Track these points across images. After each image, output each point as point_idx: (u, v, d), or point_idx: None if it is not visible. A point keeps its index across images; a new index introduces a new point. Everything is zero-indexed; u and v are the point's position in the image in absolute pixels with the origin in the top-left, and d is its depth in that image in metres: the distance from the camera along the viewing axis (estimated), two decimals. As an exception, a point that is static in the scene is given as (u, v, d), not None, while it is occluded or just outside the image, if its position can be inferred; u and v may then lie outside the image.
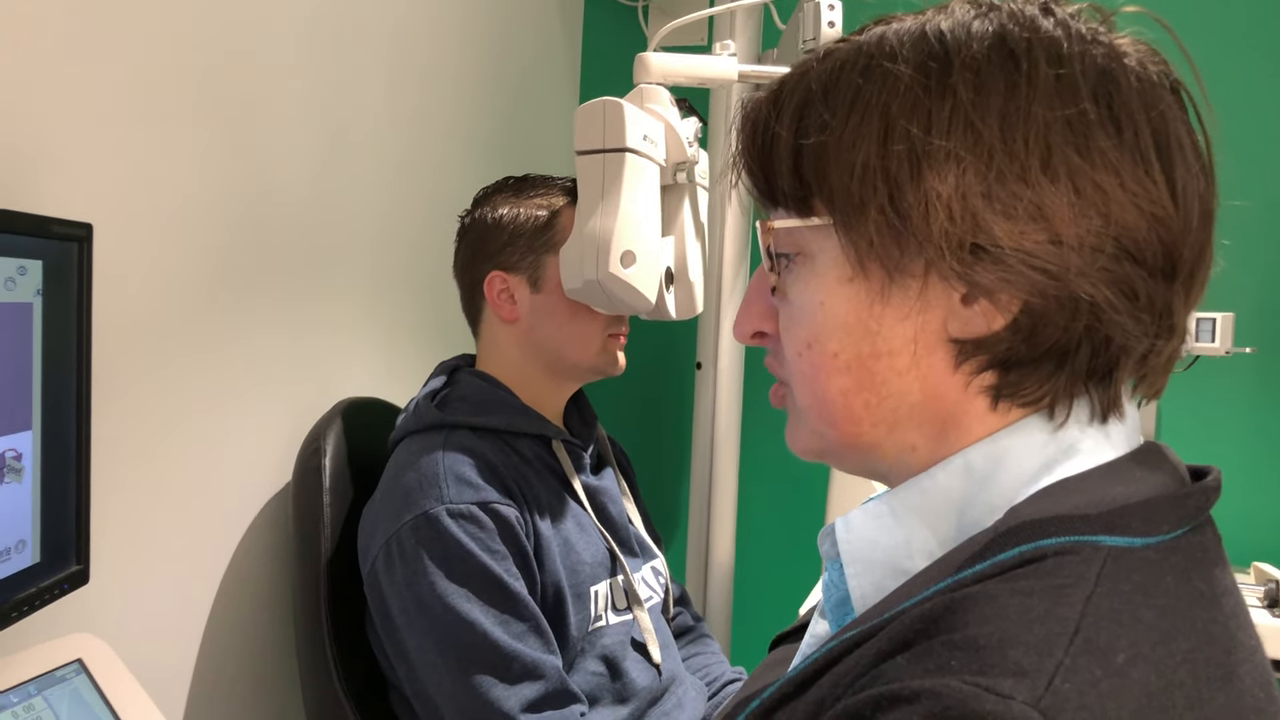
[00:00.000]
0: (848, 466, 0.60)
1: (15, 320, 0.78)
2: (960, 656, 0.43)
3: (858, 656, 0.48)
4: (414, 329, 1.65)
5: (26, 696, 0.81)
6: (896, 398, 0.55)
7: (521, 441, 1.24)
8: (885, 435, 0.56)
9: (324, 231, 1.40)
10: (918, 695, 0.42)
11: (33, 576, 0.82)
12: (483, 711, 1.07)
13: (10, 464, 0.78)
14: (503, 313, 1.26)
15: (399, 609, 1.13)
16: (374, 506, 1.20)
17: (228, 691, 1.25)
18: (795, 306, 0.57)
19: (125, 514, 1.06)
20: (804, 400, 0.58)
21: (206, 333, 1.18)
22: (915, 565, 0.54)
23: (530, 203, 1.26)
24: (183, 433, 1.15)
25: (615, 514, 1.31)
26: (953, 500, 0.54)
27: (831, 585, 0.59)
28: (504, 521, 1.14)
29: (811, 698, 0.49)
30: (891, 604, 0.50)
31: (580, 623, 1.19)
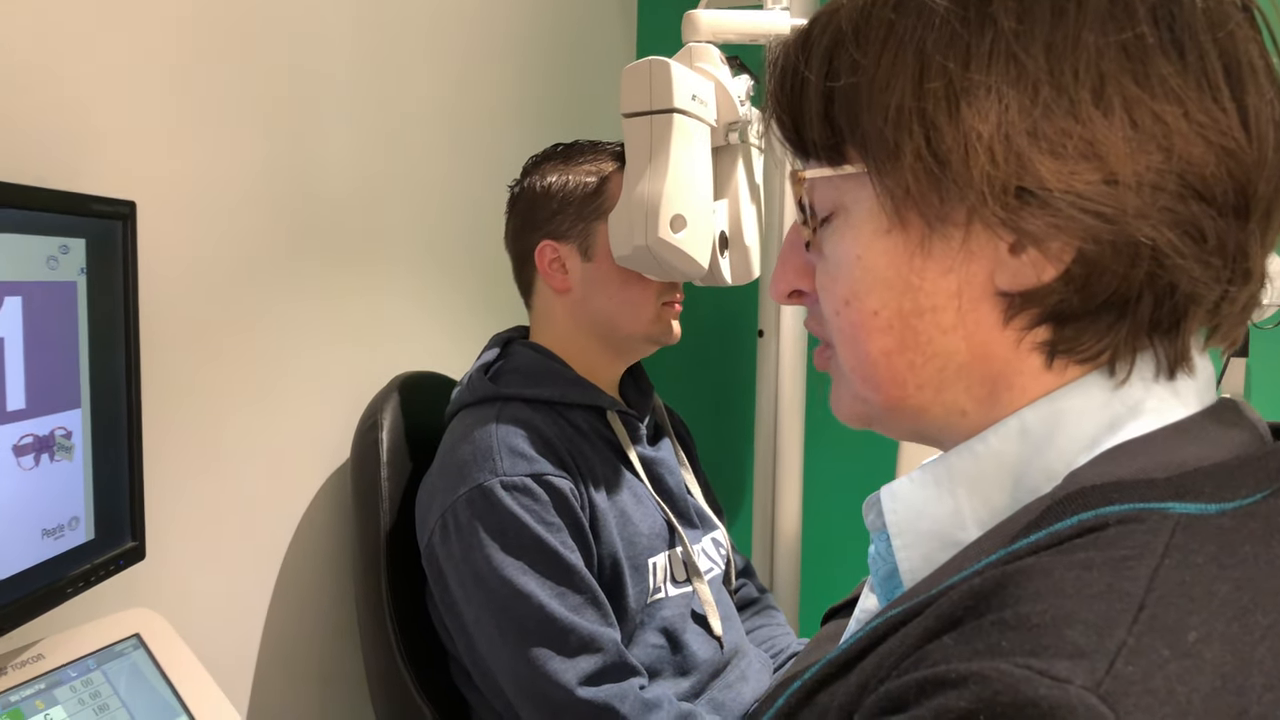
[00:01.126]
0: (896, 432, 0.56)
1: (60, 299, 0.78)
2: (1012, 636, 0.39)
3: (902, 636, 0.45)
4: (469, 301, 1.65)
5: (85, 671, 0.82)
6: (942, 357, 0.51)
7: (576, 413, 1.22)
8: (932, 398, 0.52)
9: (375, 205, 1.40)
10: (964, 679, 0.39)
11: (87, 553, 0.83)
12: (541, 684, 1.06)
13: (60, 442, 0.79)
14: (554, 283, 1.24)
15: (456, 582, 1.12)
16: (430, 480, 1.19)
17: (288, 666, 1.27)
18: (831, 262, 0.54)
19: (181, 491, 1.07)
20: (846, 362, 0.55)
21: (258, 309, 1.18)
22: (968, 535, 0.50)
23: (579, 169, 1.23)
24: (238, 410, 1.16)
25: (673, 485, 1.29)
26: (1007, 466, 0.50)
27: (879, 558, 0.56)
28: (558, 493, 1.12)
29: (854, 680, 0.46)
30: (941, 578, 0.47)
31: (638, 595, 1.17)
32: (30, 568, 0.76)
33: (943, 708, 0.38)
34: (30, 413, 0.75)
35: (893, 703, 0.41)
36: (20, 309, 0.73)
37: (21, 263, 0.73)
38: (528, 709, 1.08)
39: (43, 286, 0.76)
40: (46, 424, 0.77)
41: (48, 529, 0.78)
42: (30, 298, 0.74)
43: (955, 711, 0.38)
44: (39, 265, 0.75)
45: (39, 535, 0.77)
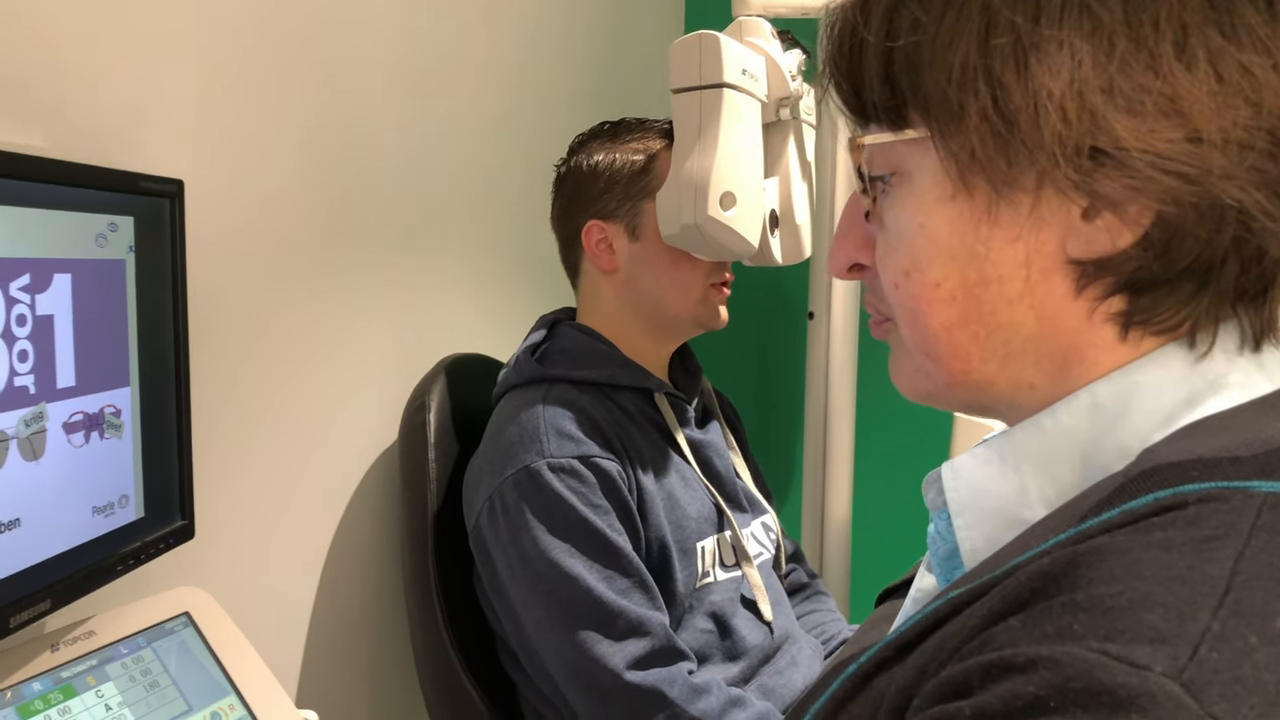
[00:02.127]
0: (958, 406, 0.54)
1: (108, 277, 0.78)
2: (1085, 619, 0.37)
3: (965, 618, 0.42)
4: (516, 283, 1.64)
5: (136, 648, 0.82)
6: (1008, 330, 0.49)
7: (623, 395, 1.21)
8: (998, 371, 0.50)
9: (422, 188, 1.39)
10: (1033, 664, 0.36)
11: (137, 531, 0.83)
12: (588, 667, 1.05)
13: (110, 420, 0.79)
14: (601, 263, 1.22)
15: (503, 564, 1.11)
16: (477, 461, 1.19)
17: (335, 646, 1.27)
18: (892, 232, 0.51)
19: (230, 472, 1.08)
20: (907, 335, 0.52)
21: (305, 291, 1.18)
22: (1033, 515, 0.48)
23: (626, 147, 1.21)
24: (286, 391, 1.16)
25: (721, 468, 1.27)
26: (1076, 442, 0.48)
27: (938, 537, 0.53)
28: (605, 475, 1.11)
29: (913, 664, 0.44)
30: (1005, 558, 0.44)
31: (687, 579, 1.16)
32: (82, 544, 0.76)
33: (1009, 693, 0.36)
34: (80, 390, 0.75)
35: (955, 688, 0.39)
36: (69, 287, 0.73)
37: (70, 240, 0.73)
38: (575, 692, 1.07)
39: (91, 264, 0.76)
40: (96, 402, 0.77)
41: (98, 506, 0.78)
42: (79, 275, 0.74)
43: (1023, 698, 0.36)
44: (87, 243, 0.75)
45: (90, 512, 0.77)
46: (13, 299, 0.67)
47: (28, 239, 0.69)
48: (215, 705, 0.84)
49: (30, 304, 0.69)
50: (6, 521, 0.68)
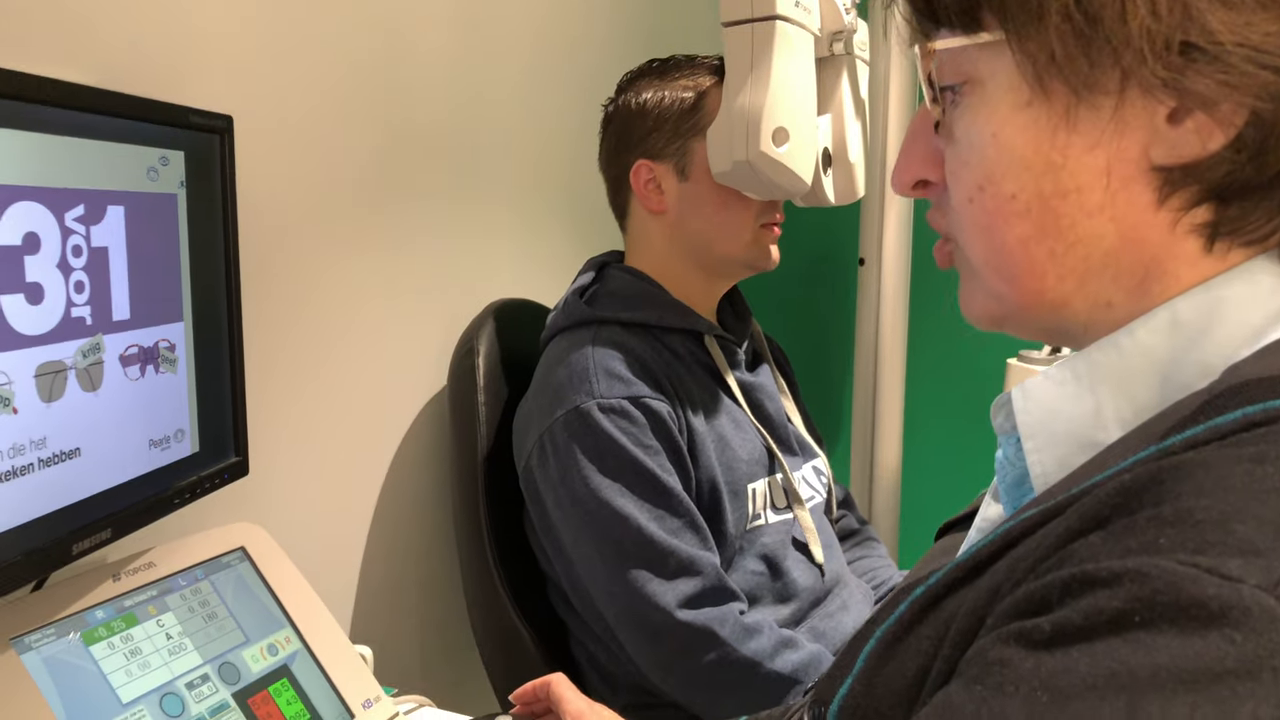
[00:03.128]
0: (1031, 331, 0.52)
1: (161, 211, 0.78)
2: (1172, 533, 0.35)
3: (1040, 537, 0.41)
4: (563, 227, 1.62)
5: (194, 580, 0.83)
6: (1087, 244, 0.46)
7: (673, 337, 1.19)
8: (1074, 290, 0.48)
9: (472, 131, 1.38)
10: (1118, 577, 0.35)
11: (193, 465, 0.84)
12: (640, 606, 1.05)
13: (164, 354, 0.79)
14: (650, 204, 1.21)
15: (554, 504, 1.11)
16: (527, 404, 1.18)
17: (387, 586, 1.28)
18: (963, 144, 0.49)
19: (282, 412, 1.08)
20: (977, 255, 0.50)
21: (353, 236, 1.18)
22: (1108, 437, 0.46)
23: (675, 85, 1.19)
24: (335, 334, 1.16)
25: (773, 411, 1.25)
26: (1156, 361, 0.46)
27: (1006, 463, 0.52)
28: (656, 416, 1.10)
29: (985, 584, 0.42)
30: (1081, 478, 0.43)
31: (738, 521, 1.15)
32: (139, 476, 0.77)
33: (1092, 608, 0.35)
34: (135, 324, 0.75)
35: (1033, 604, 0.37)
36: (123, 219, 0.73)
37: (122, 172, 0.73)
38: (626, 631, 1.07)
39: (144, 198, 0.76)
40: (151, 335, 0.77)
41: (154, 439, 0.78)
42: (132, 209, 0.74)
43: (1107, 612, 0.34)
44: (139, 176, 0.75)
45: (146, 445, 0.77)
46: (68, 230, 0.68)
47: (81, 170, 0.69)
48: (272, 637, 0.85)
49: (85, 235, 0.69)
50: (67, 451, 0.68)
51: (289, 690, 0.83)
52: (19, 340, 0.64)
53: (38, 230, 0.65)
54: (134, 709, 0.72)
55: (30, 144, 0.64)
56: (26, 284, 0.64)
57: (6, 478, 0.63)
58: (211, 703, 0.77)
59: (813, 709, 0.48)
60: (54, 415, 0.67)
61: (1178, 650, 0.33)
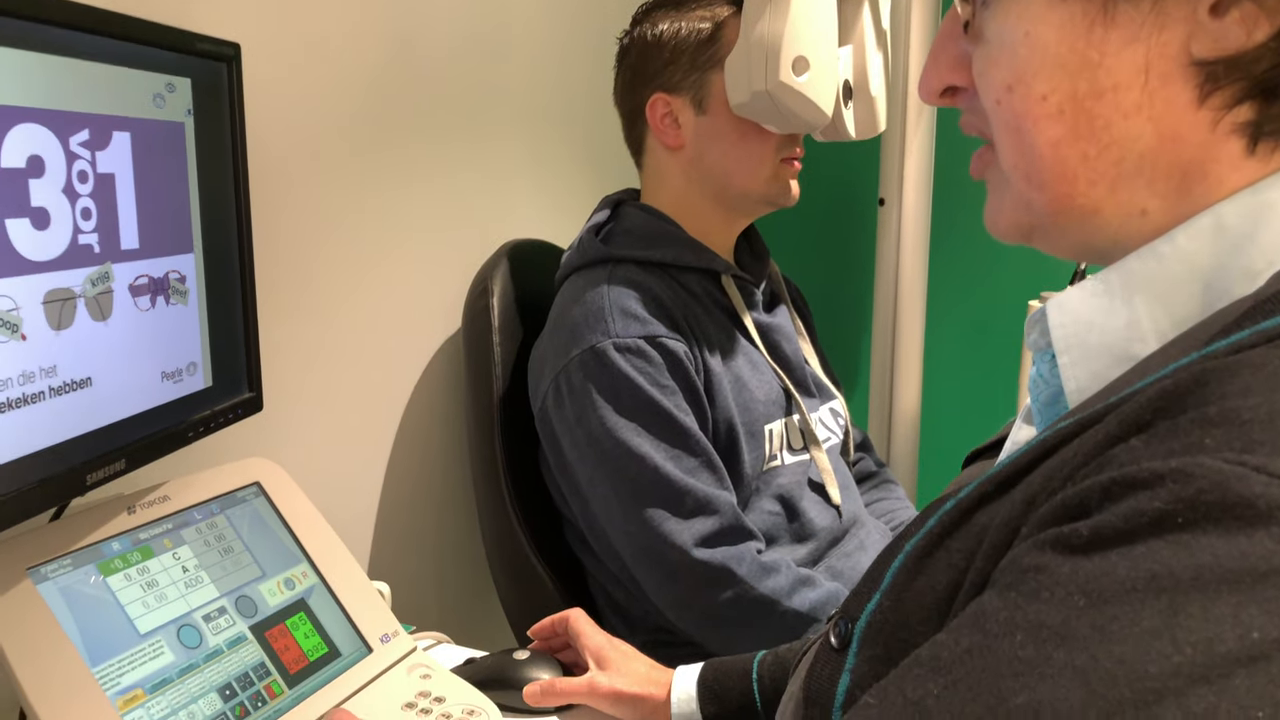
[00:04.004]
0: (1060, 243, 0.50)
1: (168, 139, 0.76)
2: (1217, 433, 0.34)
3: (1077, 445, 0.39)
4: (578, 165, 1.60)
5: (209, 514, 0.83)
6: (1122, 146, 0.44)
7: (689, 276, 1.18)
8: (1106, 195, 0.46)
9: (484, 65, 1.35)
10: (1160, 478, 0.33)
11: (206, 399, 0.83)
12: (657, 544, 1.05)
13: (175, 285, 0.78)
14: (666, 139, 1.18)
15: (570, 444, 1.11)
16: (542, 344, 1.17)
17: (403, 524, 1.28)
18: (994, 44, 0.47)
19: (295, 349, 1.07)
20: (1008, 160, 0.48)
21: (363, 174, 1.16)
22: (1145, 349, 0.44)
23: (692, 15, 1.16)
24: (346, 273, 1.15)
25: (790, 352, 1.24)
26: (1197, 268, 0.44)
27: (1040, 381, 0.50)
28: (672, 355, 1.09)
29: (1019, 495, 0.41)
30: (1118, 389, 0.41)
31: (754, 461, 1.14)
32: (152, 409, 0.76)
33: (1132, 510, 0.33)
34: (144, 253, 0.74)
35: (1071, 510, 0.36)
36: (129, 146, 0.72)
37: (127, 97, 0.71)
38: (644, 569, 1.07)
39: (150, 125, 0.74)
40: (160, 266, 0.76)
41: (167, 372, 0.78)
42: (138, 135, 0.72)
43: (1148, 514, 0.33)
44: (145, 102, 0.73)
45: (159, 377, 0.77)
46: (73, 154, 0.66)
47: (86, 94, 0.67)
48: (288, 572, 0.85)
49: (91, 161, 0.68)
50: (78, 380, 0.68)
51: (306, 624, 0.83)
52: (26, 266, 0.63)
53: (42, 153, 0.64)
54: (152, 639, 0.72)
55: (33, 64, 0.62)
56: (32, 208, 0.63)
57: (18, 405, 0.62)
58: (229, 635, 0.77)
59: (839, 625, 0.47)
60: (64, 343, 0.66)
61: (1222, 550, 0.31)
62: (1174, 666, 0.30)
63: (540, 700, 0.86)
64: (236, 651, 0.77)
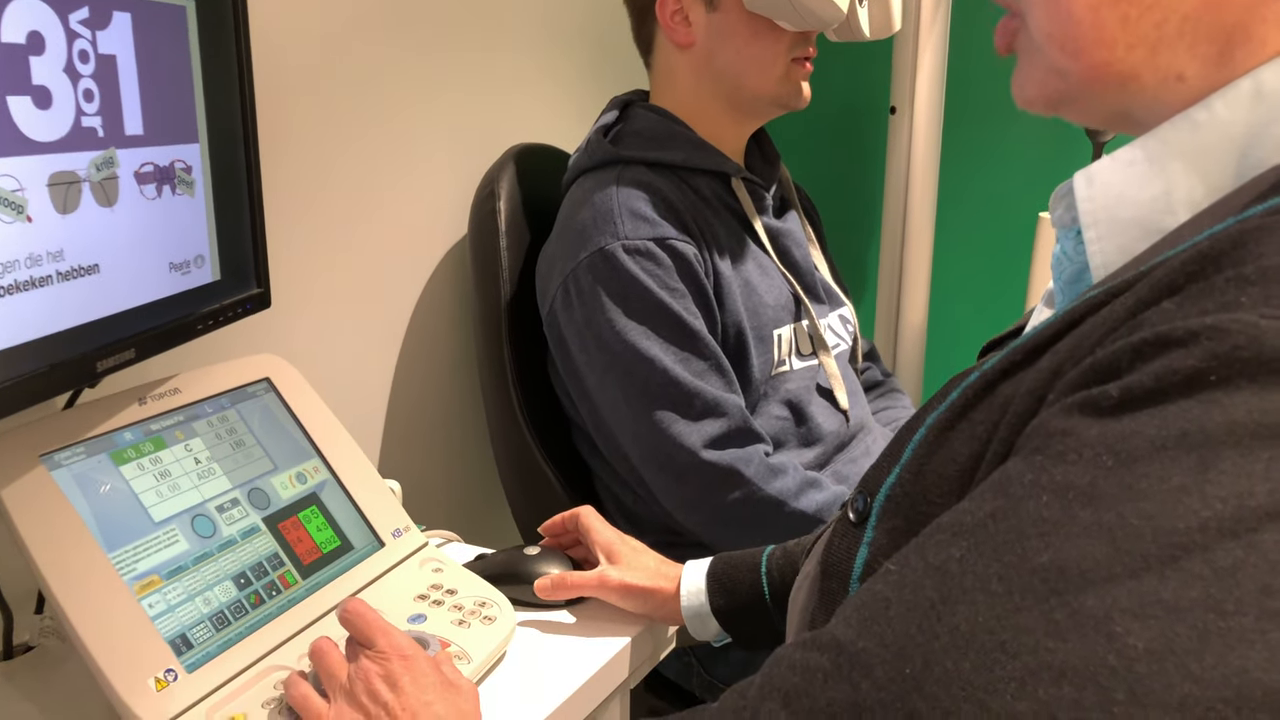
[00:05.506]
0: (1092, 112, 0.48)
1: (170, 23, 0.74)
2: (1254, 291, 0.33)
3: (1106, 313, 0.39)
4: (586, 68, 1.57)
5: (220, 408, 0.83)
6: (1165, 6, 0.43)
7: (699, 178, 1.16)
8: (1145, 60, 0.44)
9: (487, -38, 1.32)
10: (1195, 335, 0.33)
11: (215, 293, 0.82)
12: (666, 446, 1.05)
13: (180, 175, 0.77)
14: (677, 37, 1.15)
15: (578, 347, 1.10)
16: (550, 247, 1.16)
17: (415, 425, 1.29)
18: None
19: (303, 248, 1.06)
20: (1041, 26, 0.46)
21: (369, 73, 1.13)
22: (1176, 221, 0.43)
23: (705, -92, 1.12)
24: (352, 172, 1.13)
25: (800, 258, 1.23)
26: (1234, 137, 0.42)
27: (1064, 258, 0.49)
28: (681, 258, 1.08)
29: (1045, 365, 0.40)
30: (1149, 258, 0.40)
31: (763, 365, 1.14)
32: (162, 299, 0.75)
33: (1164, 369, 0.33)
34: (149, 140, 0.72)
35: (1100, 373, 0.35)
36: (130, 26, 0.70)
37: (127, -24, 0.69)
38: (652, 471, 1.07)
39: (151, 6, 0.72)
40: (166, 154, 0.75)
41: (175, 263, 0.77)
42: (139, 16, 0.70)
43: (1181, 372, 0.32)
44: (145, -17, 0.71)
45: (166, 268, 0.76)
46: (73, 32, 0.64)
47: (84, -30, 0.65)
48: (300, 466, 0.85)
49: (91, 40, 0.66)
50: (85, 266, 0.67)
51: (319, 517, 0.84)
52: (29, 146, 0.61)
53: (41, 30, 0.62)
54: (166, 527, 0.72)
55: (29, -65, 0.60)
56: (33, 86, 0.61)
57: (25, 288, 0.62)
58: (243, 525, 0.77)
59: (858, 499, 0.47)
60: (70, 228, 0.65)
61: (1256, 405, 0.31)
62: (1202, 521, 0.30)
63: (551, 593, 0.87)
64: (250, 542, 0.77)
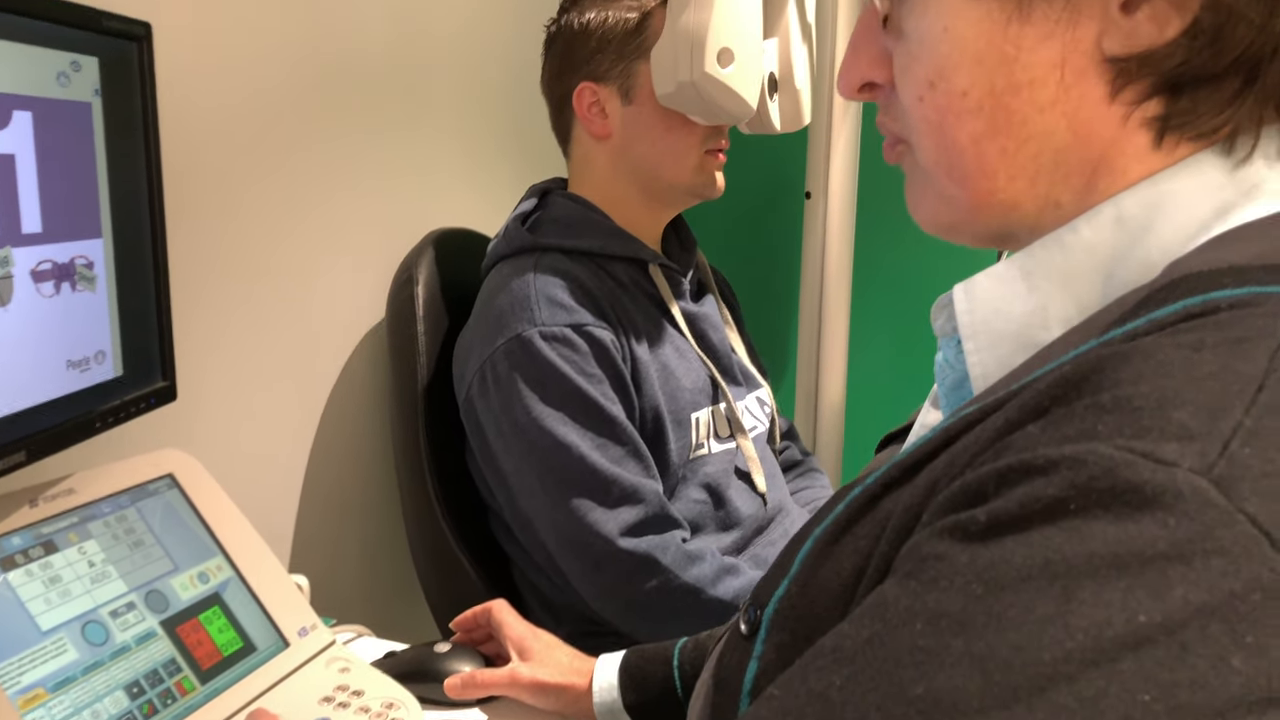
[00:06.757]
0: (980, 235, 0.50)
1: (73, 119, 0.74)
2: (1109, 420, 0.34)
3: (979, 432, 0.40)
4: (505, 154, 1.59)
5: (119, 507, 0.81)
6: (1039, 140, 0.45)
7: (616, 265, 1.17)
8: (1025, 190, 0.47)
9: (409, 50, 1.33)
10: (1055, 464, 0.34)
11: (116, 389, 0.80)
12: (582, 535, 1.05)
13: (81, 271, 0.75)
14: (594, 128, 1.18)
15: (495, 434, 1.10)
16: (468, 333, 1.16)
17: (326, 516, 1.26)
18: (913, 40, 0.48)
19: (214, 337, 1.05)
20: (928, 156, 0.49)
21: (285, 157, 1.13)
22: (1050, 336, 0.45)
23: (619, 5, 1.16)
24: (267, 259, 1.12)
25: (716, 341, 1.24)
26: (1099, 257, 0.45)
27: (946, 366, 0.51)
28: (598, 344, 1.08)
29: (922, 481, 0.42)
30: (1020, 375, 0.42)
31: (681, 449, 1.14)
32: (57, 398, 0.73)
33: (1028, 496, 0.34)
34: (47, 237, 0.71)
35: (969, 495, 0.36)
36: (30, 125, 0.69)
37: (28, 76, 0.69)
38: (569, 560, 1.07)
39: (54, 105, 0.71)
40: (66, 251, 0.73)
41: (73, 360, 0.75)
42: (40, 115, 0.70)
43: (1043, 500, 0.34)
44: (48, 81, 0.71)
45: (64, 366, 0.74)
46: (-31, 133, 0.64)
47: (-18, 70, 0.64)
48: (202, 566, 0.83)
49: (-12, 140, 0.65)
50: (-25, 368, 0.65)
51: (220, 618, 0.81)
52: (-83, 249, 0.60)
53: (-65, 132, 0.61)
54: (54, 636, 0.70)
55: (-77, 38, 0.60)
56: (-76, 189, 0.60)
57: (-92, 394, 0.60)
58: (138, 630, 0.75)
59: (749, 612, 0.48)
60: (-41, 330, 0.64)
61: (1112, 536, 0.32)
62: (1066, 652, 0.31)
63: (461, 692, 0.85)
64: (145, 648, 0.75)
